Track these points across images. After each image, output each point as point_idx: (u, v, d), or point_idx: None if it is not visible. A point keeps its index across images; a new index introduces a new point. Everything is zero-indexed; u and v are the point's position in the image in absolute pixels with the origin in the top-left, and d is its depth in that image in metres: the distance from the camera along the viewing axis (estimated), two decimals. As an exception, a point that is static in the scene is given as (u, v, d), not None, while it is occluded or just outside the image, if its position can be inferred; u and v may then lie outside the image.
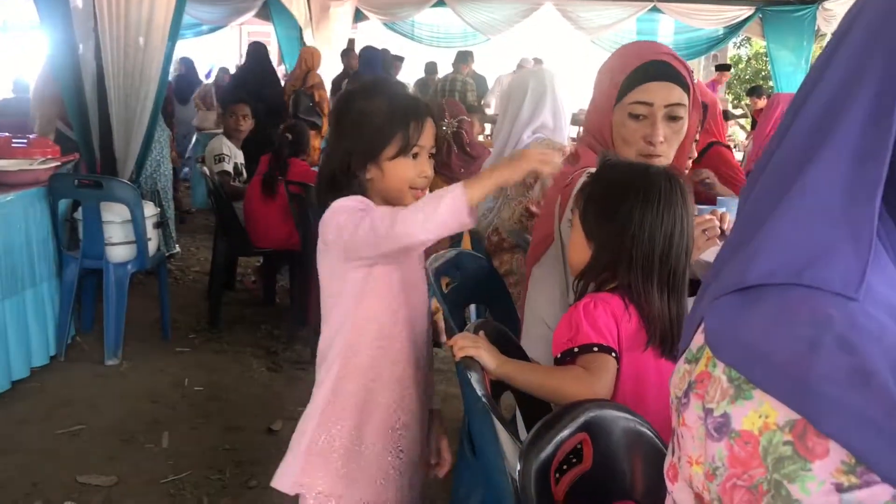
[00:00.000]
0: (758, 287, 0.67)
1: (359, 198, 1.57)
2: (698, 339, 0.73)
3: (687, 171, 3.00)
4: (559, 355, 1.45)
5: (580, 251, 1.53)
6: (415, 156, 1.60)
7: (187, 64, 9.13)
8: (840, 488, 0.58)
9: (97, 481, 2.82)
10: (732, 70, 17.14)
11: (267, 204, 4.49)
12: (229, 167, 4.93)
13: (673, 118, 1.76)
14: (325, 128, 6.91)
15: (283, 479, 1.70)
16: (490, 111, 8.95)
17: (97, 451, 3.05)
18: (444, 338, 4.26)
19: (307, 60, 7.37)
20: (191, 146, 8.27)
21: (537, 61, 9.75)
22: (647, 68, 1.76)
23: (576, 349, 1.42)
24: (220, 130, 5.52)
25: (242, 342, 4.35)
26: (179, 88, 8.45)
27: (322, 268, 1.66)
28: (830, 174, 0.65)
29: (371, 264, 1.58)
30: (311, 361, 3.98)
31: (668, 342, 1.45)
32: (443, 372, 3.97)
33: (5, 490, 2.75)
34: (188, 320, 4.63)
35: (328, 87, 9.12)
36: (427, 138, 1.62)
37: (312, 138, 4.97)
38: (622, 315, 1.44)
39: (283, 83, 7.44)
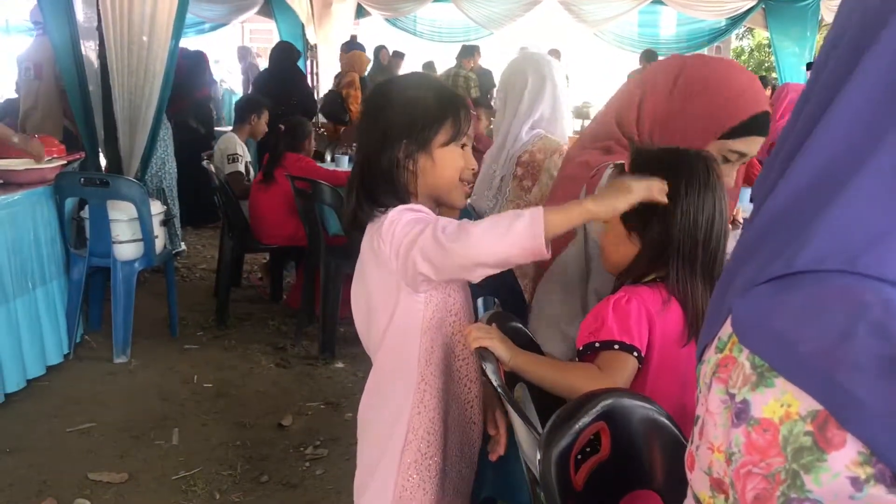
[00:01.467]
0: (796, 274, 0.65)
1: (419, 206, 1.46)
2: (727, 327, 0.72)
3: None
4: (581, 347, 1.44)
5: (621, 247, 1.49)
6: (463, 146, 1.55)
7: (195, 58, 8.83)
8: (855, 482, 0.58)
9: (108, 478, 2.83)
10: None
11: (272, 199, 4.49)
12: (242, 167, 4.94)
13: None
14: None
15: None
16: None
17: (108, 448, 3.06)
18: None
19: (356, 64, 7.76)
20: None
21: (554, 52, 9.69)
22: (757, 120, 1.70)
23: (597, 344, 1.40)
24: (230, 128, 5.53)
25: (250, 339, 4.36)
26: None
27: (374, 282, 1.52)
28: (883, 167, 0.63)
29: (426, 289, 1.47)
30: (318, 357, 4.02)
31: (696, 331, 1.43)
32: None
33: (16, 488, 2.75)
34: (196, 318, 4.63)
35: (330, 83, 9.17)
36: (473, 130, 1.58)
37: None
38: (658, 310, 1.41)
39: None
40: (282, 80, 6.80)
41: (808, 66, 9.66)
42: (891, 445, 0.57)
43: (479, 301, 1.93)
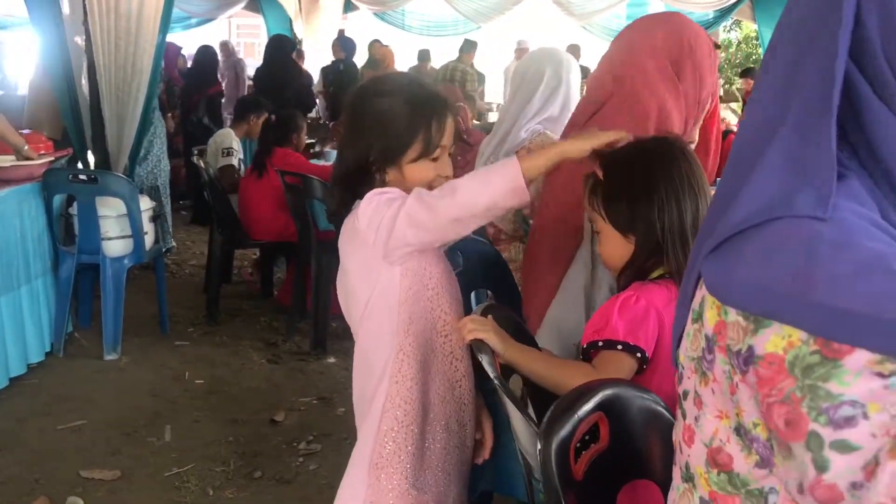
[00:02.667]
0: (740, 234, 0.71)
1: (395, 189, 1.49)
2: (697, 296, 0.78)
3: None
4: (585, 345, 1.43)
5: (617, 249, 1.49)
6: (435, 159, 1.54)
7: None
8: (882, 376, 0.60)
9: (100, 475, 2.81)
10: (723, 54, 17.14)
11: (261, 195, 4.47)
12: (235, 161, 4.91)
13: None
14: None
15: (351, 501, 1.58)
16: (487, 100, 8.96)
17: (99, 445, 3.04)
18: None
19: (386, 59, 7.99)
20: None
21: (574, 48, 9.69)
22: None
23: (600, 343, 1.40)
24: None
25: (241, 335, 4.34)
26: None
27: (351, 263, 1.56)
28: (791, 135, 0.70)
29: (407, 259, 1.49)
30: (310, 352, 4.01)
31: None
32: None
33: (8, 487, 2.73)
34: (186, 314, 4.61)
35: (316, 77, 9.15)
36: (448, 137, 1.56)
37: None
38: (667, 305, 1.40)
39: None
40: (274, 73, 6.77)
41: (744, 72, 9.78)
42: (893, 344, 0.60)
43: (472, 294, 1.92)
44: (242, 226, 4.58)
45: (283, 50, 7.06)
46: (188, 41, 10.68)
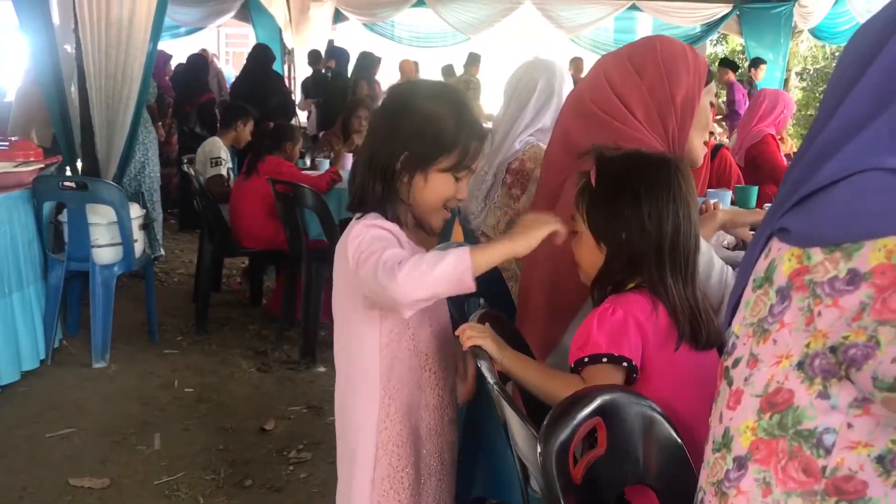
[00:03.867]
0: (825, 189, 0.79)
1: (390, 225, 1.49)
2: (762, 264, 0.84)
3: None
4: (572, 364, 1.41)
5: (591, 254, 1.49)
6: (459, 178, 1.54)
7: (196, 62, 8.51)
8: None
9: (89, 484, 2.79)
10: (710, 68, 17.25)
11: (252, 203, 4.46)
12: (224, 171, 4.91)
13: None
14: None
15: None
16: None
17: (88, 453, 3.03)
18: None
19: (409, 72, 8.22)
20: None
21: (577, 61, 9.81)
22: (709, 66, 1.85)
23: (585, 359, 1.38)
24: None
25: (231, 343, 4.33)
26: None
27: (341, 283, 1.58)
28: (881, 124, 0.78)
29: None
30: (300, 361, 4.01)
31: (698, 333, 1.41)
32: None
33: (-4, 495, 2.72)
34: (175, 322, 4.60)
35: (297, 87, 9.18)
36: (479, 162, 1.59)
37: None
38: (649, 315, 1.39)
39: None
40: (256, 82, 6.78)
41: (754, 62, 9.79)
42: None
43: (464, 304, 1.93)
44: (232, 234, 4.57)
45: (266, 59, 7.08)
46: (177, 50, 10.68)
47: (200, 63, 8.28)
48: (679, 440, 1.22)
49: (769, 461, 0.80)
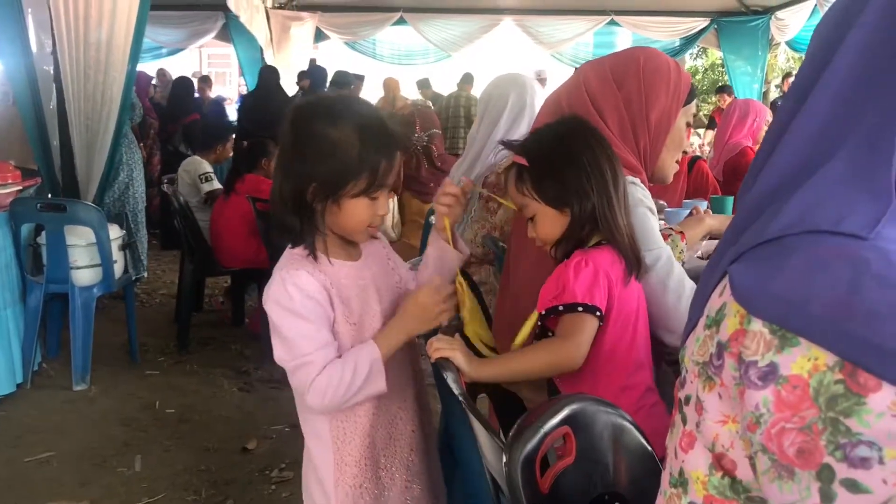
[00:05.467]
0: (780, 241, 0.71)
1: (307, 285, 1.47)
2: (716, 302, 0.76)
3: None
4: (543, 311, 1.49)
5: (555, 225, 1.56)
6: (375, 198, 1.48)
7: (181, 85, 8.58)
8: None
9: (69, 507, 2.77)
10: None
11: (232, 222, 4.46)
12: (217, 185, 4.90)
13: None
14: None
15: None
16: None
17: (68, 477, 3.00)
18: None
19: (393, 88, 8.08)
20: None
21: (540, 74, 9.88)
22: (692, 84, 1.86)
23: (560, 307, 1.46)
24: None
25: (213, 363, 4.31)
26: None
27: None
28: (855, 155, 0.71)
29: None
30: (282, 381, 3.97)
31: (637, 260, 1.56)
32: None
33: (-26, 520, 2.69)
34: (157, 343, 4.57)
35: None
36: (393, 176, 1.51)
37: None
38: (613, 266, 1.51)
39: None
40: (268, 103, 6.79)
41: (719, 89, 9.93)
42: None
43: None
44: (214, 253, 4.56)
45: (272, 80, 7.13)
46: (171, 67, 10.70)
47: (186, 85, 8.35)
48: (650, 448, 1.22)
49: None
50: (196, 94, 8.87)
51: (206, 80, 10.12)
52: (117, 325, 4.56)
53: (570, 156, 1.53)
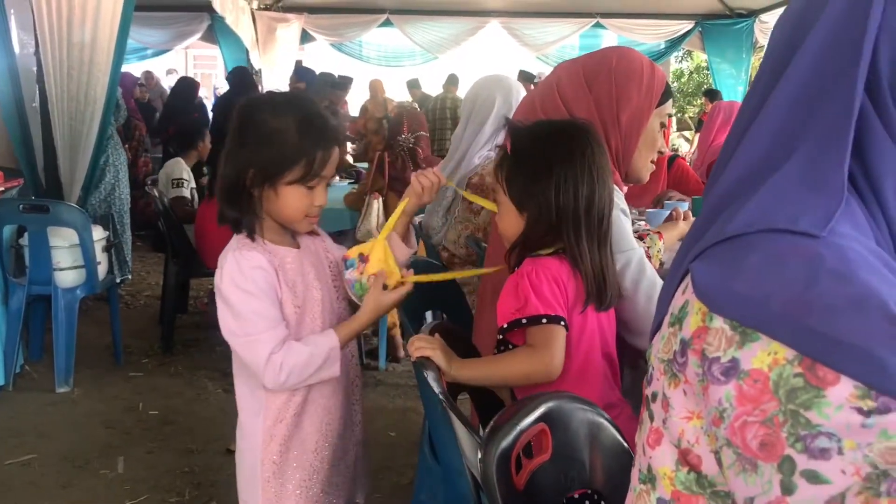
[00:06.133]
0: (740, 240, 0.72)
1: (258, 261, 1.56)
2: (679, 300, 0.78)
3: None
4: (506, 325, 1.48)
5: (513, 223, 1.56)
6: (312, 187, 1.57)
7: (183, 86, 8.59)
8: (861, 412, 0.60)
9: (51, 510, 2.76)
10: (675, 84, 17.52)
11: (216, 223, 4.44)
12: (186, 192, 4.89)
13: None
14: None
15: None
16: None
17: (50, 479, 2.98)
18: (402, 352, 4.26)
19: (380, 90, 8.10)
20: None
21: (540, 77, 9.92)
22: (668, 84, 1.85)
23: (524, 320, 1.46)
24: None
25: (197, 365, 4.29)
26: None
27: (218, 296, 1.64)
28: (808, 155, 0.73)
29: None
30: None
31: (603, 295, 1.52)
32: (400, 386, 3.98)
33: (-46, 523, 2.67)
34: (141, 345, 4.56)
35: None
36: (330, 168, 1.59)
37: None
38: (567, 277, 1.49)
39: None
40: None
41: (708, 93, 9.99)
42: (880, 377, 0.60)
43: (428, 313, 1.94)
44: (198, 255, 4.54)
45: (249, 82, 7.09)
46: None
47: (189, 86, 8.34)
48: (626, 445, 1.23)
49: None
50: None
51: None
52: (101, 327, 4.54)
53: (548, 163, 1.50)
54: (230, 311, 1.55)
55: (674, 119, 13.00)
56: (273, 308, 1.56)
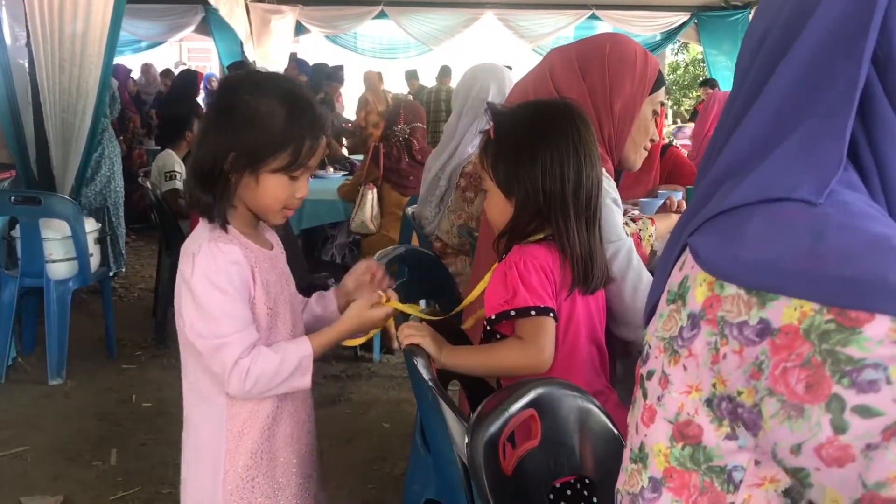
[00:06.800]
0: (737, 211, 0.73)
1: (230, 254, 1.42)
2: (676, 277, 0.78)
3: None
4: (494, 317, 1.46)
5: (501, 209, 1.52)
6: (296, 177, 1.45)
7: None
8: None
9: (42, 501, 2.74)
10: (672, 76, 17.52)
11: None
12: (179, 184, 4.86)
13: None
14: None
15: None
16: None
17: (42, 471, 2.97)
18: (396, 344, 4.25)
19: (376, 81, 8.01)
20: None
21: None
22: (661, 71, 1.83)
23: (512, 312, 1.44)
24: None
25: (191, 357, 4.27)
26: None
27: (181, 280, 1.48)
28: (810, 130, 0.73)
29: None
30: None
31: (589, 277, 1.49)
32: (395, 378, 3.97)
33: (-55, 515, 2.66)
34: (134, 338, 4.54)
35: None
36: (316, 159, 1.47)
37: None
38: (554, 264, 1.46)
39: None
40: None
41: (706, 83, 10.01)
42: None
43: (422, 302, 1.93)
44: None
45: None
46: (136, 65, 10.62)
47: (189, 78, 8.30)
48: (616, 431, 1.23)
49: (682, 493, 0.78)
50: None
51: (167, 75, 9.96)
52: (94, 320, 4.53)
53: (533, 146, 1.46)
54: (198, 311, 1.41)
55: (669, 111, 12.99)
56: (245, 309, 1.44)
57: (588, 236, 1.49)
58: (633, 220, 2.01)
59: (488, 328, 1.51)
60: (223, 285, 1.40)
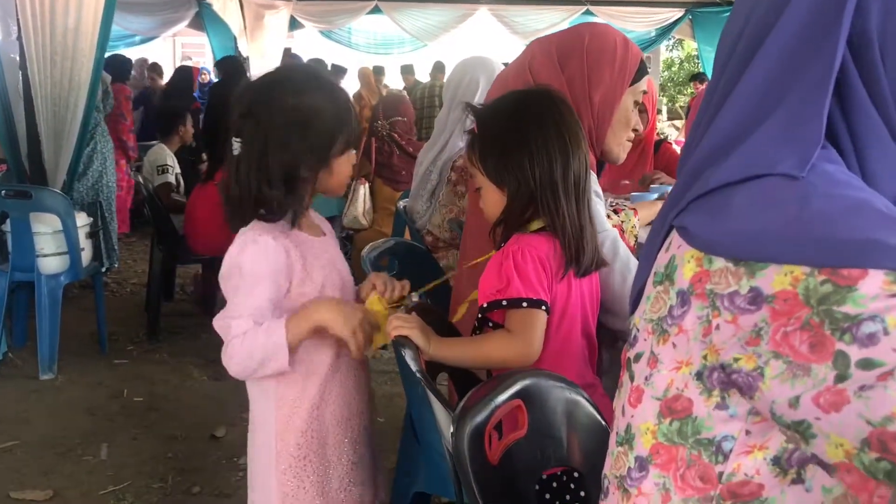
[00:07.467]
0: (721, 190, 0.75)
1: (272, 250, 1.49)
2: (662, 258, 0.80)
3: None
4: (486, 305, 1.46)
5: (497, 203, 1.53)
6: (357, 147, 1.60)
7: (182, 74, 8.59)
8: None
9: (32, 496, 2.73)
10: (666, 73, 17.53)
11: (209, 208, 4.40)
12: (171, 178, 4.85)
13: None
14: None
15: None
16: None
17: (32, 466, 2.96)
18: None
19: (370, 76, 8.20)
20: None
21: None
22: (643, 61, 1.82)
23: (504, 302, 1.43)
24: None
25: (183, 352, 4.26)
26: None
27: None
28: (788, 110, 0.75)
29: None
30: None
31: (581, 256, 1.49)
32: (388, 373, 3.97)
33: (-65, 510, 2.65)
34: (127, 332, 4.52)
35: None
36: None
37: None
38: (550, 254, 1.46)
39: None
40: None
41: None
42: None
43: (414, 296, 1.92)
44: (185, 240, 4.51)
45: (241, 71, 7.04)
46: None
47: (185, 75, 8.29)
48: (603, 422, 1.23)
49: (669, 467, 0.79)
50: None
51: (155, 69, 9.91)
52: (86, 315, 4.51)
53: (518, 133, 1.47)
54: (227, 294, 1.54)
55: (664, 107, 12.99)
56: (262, 297, 1.49)
57: (578, 214, 1.49)
58: (616, 212, 2.01)
59: (480, 316, 1.51)
60: (246, 272, 1.49)
